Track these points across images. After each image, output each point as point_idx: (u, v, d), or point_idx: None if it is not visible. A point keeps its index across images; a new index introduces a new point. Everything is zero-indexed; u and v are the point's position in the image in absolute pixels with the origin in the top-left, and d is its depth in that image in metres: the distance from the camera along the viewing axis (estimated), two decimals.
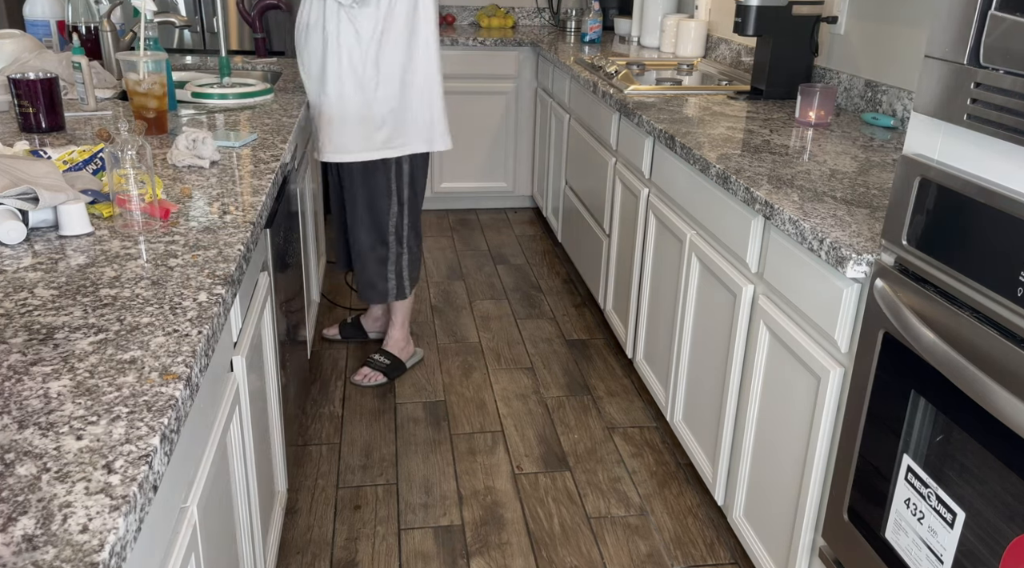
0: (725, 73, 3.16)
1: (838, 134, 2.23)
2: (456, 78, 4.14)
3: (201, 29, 3.47)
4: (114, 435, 0.83)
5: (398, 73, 2.39)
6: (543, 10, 4.81)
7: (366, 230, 2.57)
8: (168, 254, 1.29)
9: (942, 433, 1.25)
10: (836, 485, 1.51)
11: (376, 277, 2.64)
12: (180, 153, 1.76)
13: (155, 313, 1.09)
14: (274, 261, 1.83)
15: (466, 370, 2.86)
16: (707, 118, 2.42)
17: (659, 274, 2.43)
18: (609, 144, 2.91)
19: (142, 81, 1.96)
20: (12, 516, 0.72)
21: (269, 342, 1.74)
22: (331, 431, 2.49)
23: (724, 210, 1.95)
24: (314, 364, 2.87)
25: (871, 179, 1.82)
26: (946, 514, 1.24)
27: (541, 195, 4.17)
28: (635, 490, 2.27)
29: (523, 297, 3.44)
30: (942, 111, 1.22)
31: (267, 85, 2.54)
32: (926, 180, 1.25)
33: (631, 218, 2.67)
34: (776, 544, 1.76)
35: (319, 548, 2.03)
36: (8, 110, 2.16)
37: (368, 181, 2.50)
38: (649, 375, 2.56)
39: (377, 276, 2.64)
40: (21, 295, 1.13)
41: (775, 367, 1.74)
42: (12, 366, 0.95)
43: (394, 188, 2.53)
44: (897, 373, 1.33)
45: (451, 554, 2.02)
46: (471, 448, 2.43)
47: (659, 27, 3.83)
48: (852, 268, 1.41)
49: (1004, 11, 1.09)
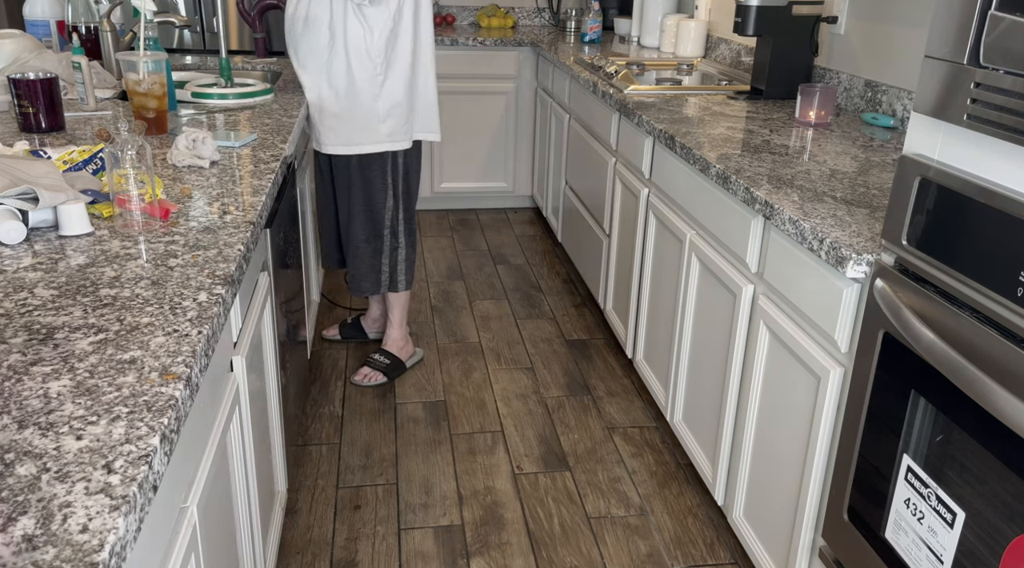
0: (725, 73, 3.16)
1: (838, 134, 2.23)
2: (456, 78, 4.14)
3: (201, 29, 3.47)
4: (114, 435, 0.83)
5: (406, 68, 2.43)
6: (543, 10, 4.81)
7: (361, 224, 2.58)
8: (168, 254, 1.29)
9: (942, 433, 1.25)
10: (836, 485, 1.51)
11: (369, 270, 2.65)
12: (180, 153, 1.76)
13: (155, 313, 1.09)
14: (274, 261, 1.83)
15: (466, 370, 2.86)
16: (707, 118, 2.42)
17: (659, 274, 2.43)
18: (609, 144, 2.91)
19: (142, 81, 1.96)
20: (12, 516, 0.72)
21: (269, 342, 1.74)
22: (331, 431, 2.49)
23: (724, 210, 1.95)
24: (314, 364, 2.87)
25: (871, 179, 1.82)
26: (946, 514, 1.24)
27: (541, 195, 4.17)
28: (635, 490, 2.27)
29: (523, 297, 3.44)
30: (942, 111, 1.22)
31: (267, 85, 2.54)
32: (926, 180, 1.25)
33: (631, 218, 2.67)
34: (776, 544, 1.76)
35: (319, 548, 2.03)
36: (8, 110, 2.16)
37: (364, 175, 2.52)
38: (649, 375, 2.56)
39: (370, 268, 2.65)
40: (21, 295, 1.13)
41: (775, 367, 1.74)
42: (12, 366, 0.95)
43: (389, 181, 2.55)
44: (897, 373, 1.33)
45: (451, 554, 2.02)
46: (471, 448, 2.44)
47: (659, 27, 3.83)
48: (852, 268, 1.41)
49: (1004, 11, 1.09)
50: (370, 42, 2.36)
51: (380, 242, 2.62)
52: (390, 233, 2.62)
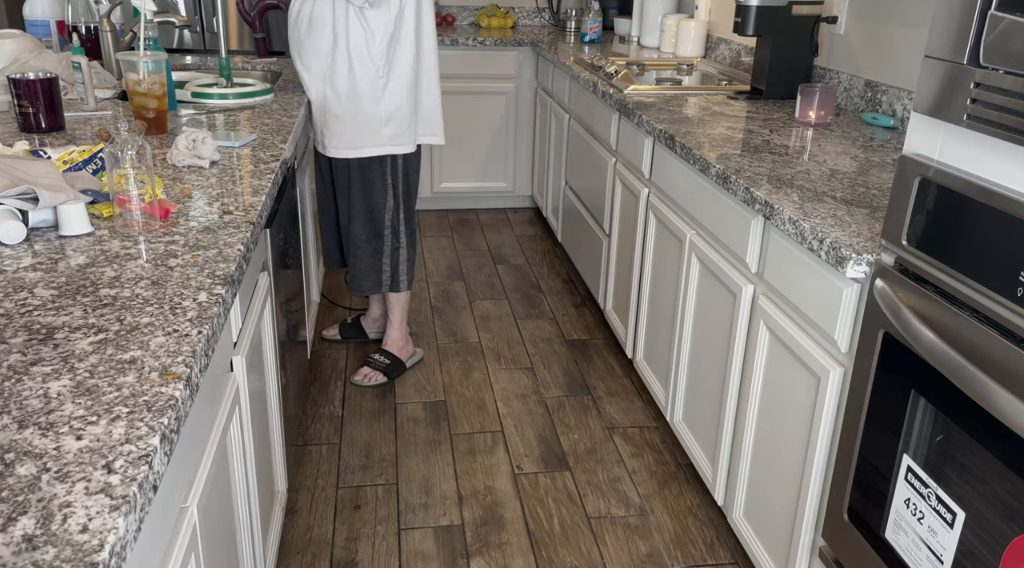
0: (725, 73, 3.16)
1: (838, 134, 2.23)
2: (456, 78, 4.14)
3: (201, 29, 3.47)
4: (114, 435, 0.83)
5: (408, 72, 2.43)
6: (543, 10, 4.81)
7: (361, 224, 2.59)
8: (168, 254, 1.29)
9: (942, 433, 1.25)
10: (836, 485, 1.51)
11: (370, 269, 2.65)
12: (180, 153, 1.76)
13: (155, 313, 1.09)
14: (274, 261, 1.83)
15: (466, 370, 2.86)
16: (707, 118, 2.42)
17: (659, 274, 2.43)
18: (609, 144, 2.91)
19: (142, 81, 1.96)
20: (12, 516, 0.72)
21: (269, 342, 1.74)
22: (331, 431, 2.49)
23: (724, 210, 1.95)
24: (314, 364, 2.87)
25: (871, 179, 1.82)
26: (946, 514, 1.24)
27: (541, 195, 4.17)
28: (635, 490, 2.27)
29: (523, 297, 3.44)
30: (942, 111, 1.22)
31: (267, 85, 2.54)
32: (926, 180, 1.25)
33: (631, 218, 2.67)
34: (776, 544, 1.76)
35: (319, 548, 2.03)
36: (8, 110, 2.16)
37: (364, 176, 2.52)
38: (649, 375, 2.56)
39: (371, 268, 2.65)
40: (21, 295, 1.13)
41: (775, 367, 1.74)
42: (12, 366, 0.95)
43: (389, 182, 2.55)
44: (897, 373, 1.33)
45: (451, 554, 2.02)
46: (471, 448, 2.44)
47: (659, 27, 3.83)
48: (852, 268, 1.41)
49: (1004, 11, 1.09)
50: (372, 45, 2.36)
51: (381, 242, 2.63)
52: (391, 233, 2.62)
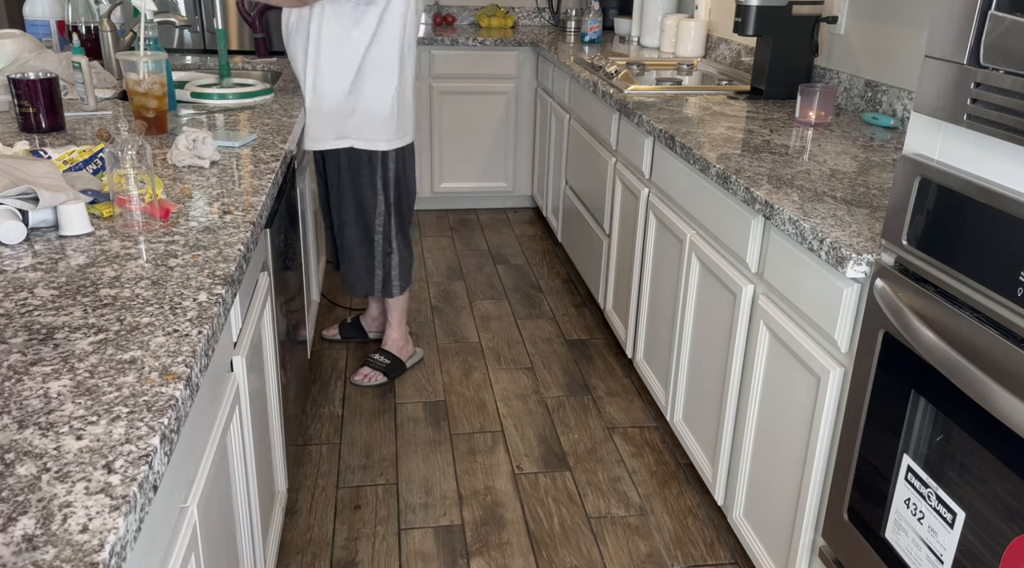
0: (725, 73, 3.16)
1: (838, 134, 2.23)
2: (456, 78, 4.14)
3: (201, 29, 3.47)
4: (114, 435, 0.83)
5: (389, 70, 2.41)
6: (543, 10, 4.81)
7: (353, 227, 2.59)
8: (168, 254, 1.29)
9: (942, 433, 1.25)
10: (836, 485, 1.51)
11: (362, 272, 2.65)
12: (180, 153, 1.76)
13: (155, 313, 1.09)
14: (274, 261, 1.83)
15: (466, 370, 2.86)
16: (707, 118, 2.42)
17: (659, 274, 2.43)
18: (609, 144, 2.91)
19: (142, 81, 1.96)
20: (12, 516, 0.72)
21: (269, 342, 1.74)
22: (331, 431, 2.49)
23: (724, 210, 1.95)
24: (314, 364, 2.87)
25: (871, 179, 1.82)
26: (946, 514, 1.24)
27: (541, 195, 4.17)
28: (635, 490, 2.27)
29: (523, 297, 3.44)
30: (942, 111, 1.22)
31: (267, 85, 2.54)
32: (926, 180, 1.25)
33: (631, 218, 2.67)
34: (776, 544, 1.76)
35: (319, 548, 2.03)
36: (8, 110, 2.16)
37: (353, 177, 2.52)
38: (649, 375, 2.56)
39: (363, 271, 2.65)
40: (21, 295, 1.13)
41: (775, 367, 1.74)
42: (12, 366, 0.95)
43: (379, 184, 2.53)
44: (897, 373, 1.33)
45: (451, 554, 2.02)
46: (471, 448, 2.44)
47: (659, 27, 3.83)
48: (852, 268, 1.41)
49: (1004, 11, 1.09)
50: (357, 41, 2.35)
51: (371, 246, 2.62)
52: (382, 238, 2.61)
